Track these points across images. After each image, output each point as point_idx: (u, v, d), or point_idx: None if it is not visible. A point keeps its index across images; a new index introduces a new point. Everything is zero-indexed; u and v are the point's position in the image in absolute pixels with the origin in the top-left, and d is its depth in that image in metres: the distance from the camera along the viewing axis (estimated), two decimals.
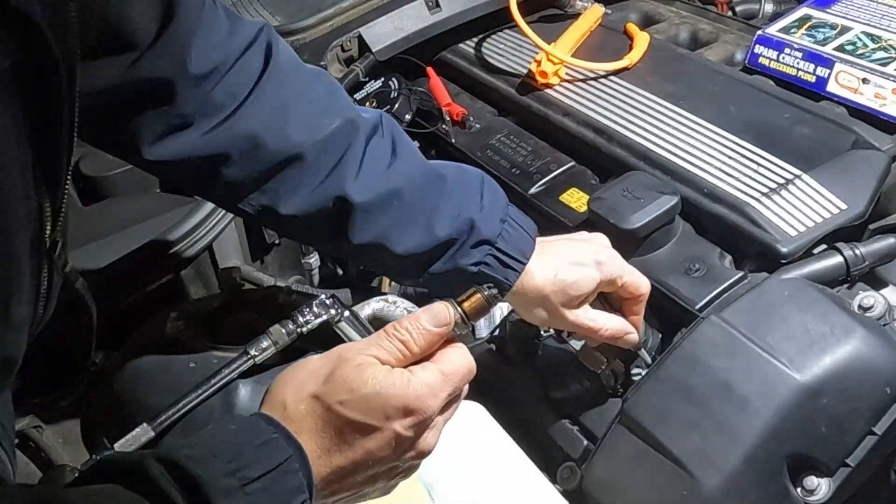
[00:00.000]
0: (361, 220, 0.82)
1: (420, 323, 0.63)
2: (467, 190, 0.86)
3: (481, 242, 0.84)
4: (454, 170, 0.88)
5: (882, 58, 1.09)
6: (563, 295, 0.86)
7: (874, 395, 0.81)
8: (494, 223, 0.85)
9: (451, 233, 0.83)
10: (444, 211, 0.83)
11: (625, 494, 0.86)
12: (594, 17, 1.37)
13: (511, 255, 0.85)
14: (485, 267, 0.85)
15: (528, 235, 0.87)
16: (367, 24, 1.43)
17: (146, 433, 0.86)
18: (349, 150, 0.81)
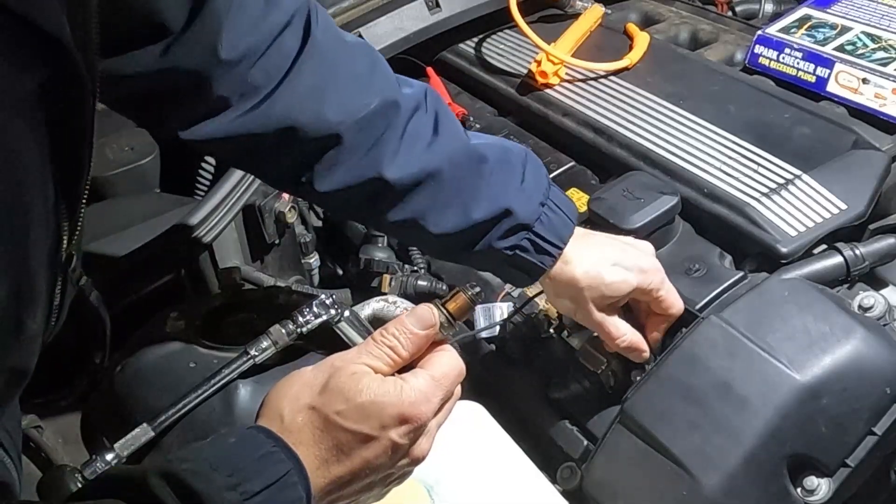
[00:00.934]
0: (397, 199, 0.81)
1: (406, 327, 0.63)
2: (509, 172, 0.84)
3: (518, 227, 0.83)
4: (497, 150, 0.86)
5: (882, 58, 1.09)
6: (596, 292, 0.85)
7: (874, 395, 0.81)
8: (533, 207, 0.83)
9: (488, 216, 0.82)
10: (483, 194, 0.83)
11: (625, 494, 0.86)
12: (594, 17, 1.37)
13: (548, 241, 0.84)
14: (520, 251, 0.84)
15: (568, 220, 0.86)
16: (367, 24, 1.43)
17: (146, 433, 0.86)
18: (388, 131, 0.80)
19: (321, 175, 0.80)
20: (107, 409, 0.97)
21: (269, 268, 1.27)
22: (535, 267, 0.85)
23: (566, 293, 0.87)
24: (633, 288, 0.86)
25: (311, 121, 0.77)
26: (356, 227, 1.30)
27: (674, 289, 0.89)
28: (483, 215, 0.82)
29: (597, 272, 0.85)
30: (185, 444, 0.89)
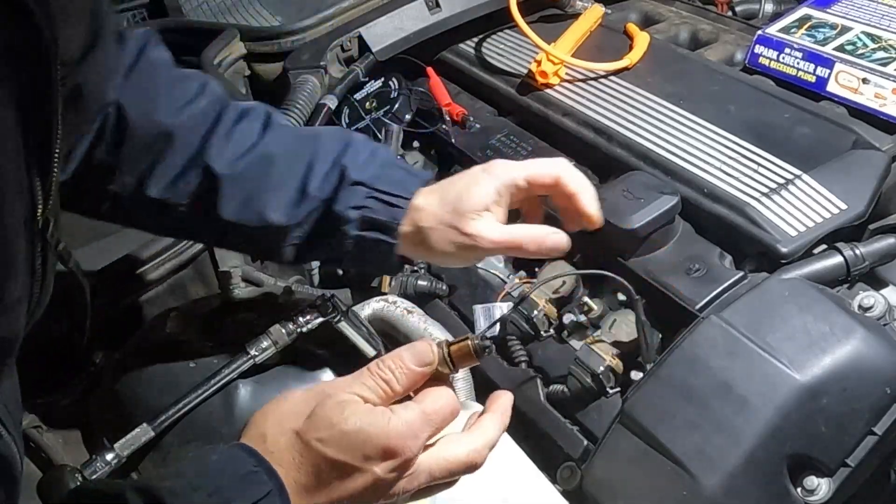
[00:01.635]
0: (228, 193, 0.82)
1: (403, 361, 0.62)
2: (343, 141, 0.84)
3: (356, 184, 0.81)
4: (334, 129, 0.88)
5: (882, 58, 1.09)
6: (456, 213, 0.79)
7: (874, 395, 0.81)
8: (372, 167, 0.82)
9: (325, 186, 0.81)
10: (318, 169, 0.82)
11: (625, 494, 0.86)
12: (594, 17, 1.37)
13: (393, 193, 0.81)
14: (367, 211, 0.81)
15: (413, 176, 0.84)
16: (367, 24, 1.43)
17: (146, 433, 0.86)
18: (216, 127, 0.83)
19: (153, 177, 0.82)
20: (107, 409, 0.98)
21: (269, 268, 1.27)
22: (387, 225, 0.81)
23: (437, 238, 0.80)
24: (492, 188, 0.80)
25: (140, 123, 0.81)
26: None
27: (536, 161, 0.83)
28: (319, 185, 0.81)
29: (445, 197, 0.81)
30: (185, 444, 0.89)
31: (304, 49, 1.44)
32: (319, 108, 1.35)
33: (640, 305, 0.91)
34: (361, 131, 1.33)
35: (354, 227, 0.82)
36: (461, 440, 0.64)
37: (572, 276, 1.03)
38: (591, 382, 0.94)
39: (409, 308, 1.08)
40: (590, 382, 0.94)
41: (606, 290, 1.02)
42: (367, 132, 1.31)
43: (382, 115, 1.32)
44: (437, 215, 0.80)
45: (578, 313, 1.00)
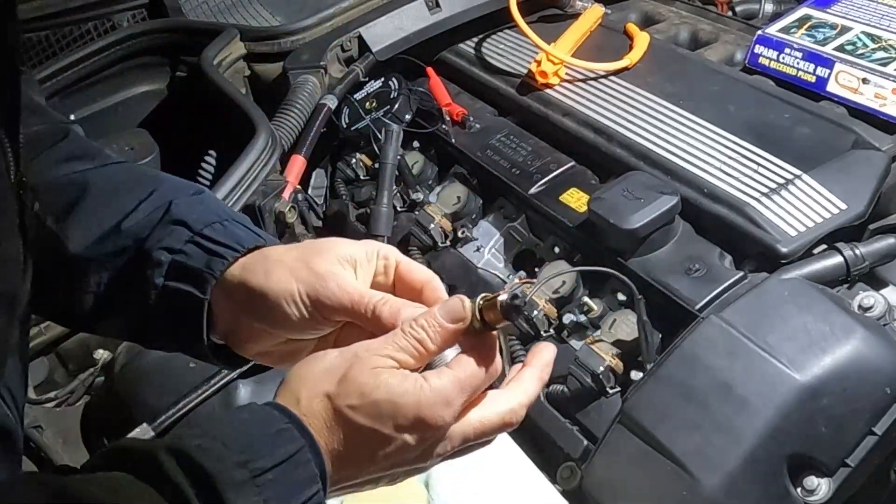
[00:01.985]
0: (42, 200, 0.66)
1: (435, 319, 0.59)
2: (183, 188, 0.71)
3: (178, 223, 0.66)
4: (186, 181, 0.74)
5: (882, 58, 1.09)
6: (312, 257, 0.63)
7: (874, 395, 0.81)
8: (206, 215, 0.67)
9: (142, 224, 0.67)
10: (144, 206, 0.68)
11: (625, 494, 0.86)
12: (594, 17, 1.37)
13: (220, 242, 0.65)
14: (182, 256, 0.65)
15: (257, 235, 0.67)
16: (367, 24, 1.43)
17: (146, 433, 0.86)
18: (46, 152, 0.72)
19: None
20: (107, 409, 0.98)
21: None
22: (201, 276, 0.64)
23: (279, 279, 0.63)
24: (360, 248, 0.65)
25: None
26: (356, 226, 1.30)
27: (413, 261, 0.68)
28: (134, 224, 0.67)
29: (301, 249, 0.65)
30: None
31: (304, 49, 1.44)
32: (319, 108, 1.35)
33: (641, 304, 0.91)
34: (361, 131, 1.33)
35: (161, 273, 0.65)
36: (498, 400, 0.61)
37: (572, 276, 1.03)
38: (591, 382, 0.94)
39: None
40: (590, 382, 0.94)
41: (606, 290, 1.02)
42: (367, 132, 1.31)
43: (382, 115, 1.31)
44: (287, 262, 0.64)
45: (578, 313, 1.00)
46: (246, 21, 1.56)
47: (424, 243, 1.20)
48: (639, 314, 0.92)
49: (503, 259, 1.16)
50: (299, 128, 1.33)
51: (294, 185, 1.25)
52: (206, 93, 1.36)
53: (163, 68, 1.53)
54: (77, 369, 1.14)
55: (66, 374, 1.14)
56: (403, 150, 1.29)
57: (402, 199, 1.27)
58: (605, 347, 0.95)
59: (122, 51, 1.48)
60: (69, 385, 1.13)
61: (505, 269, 1.15)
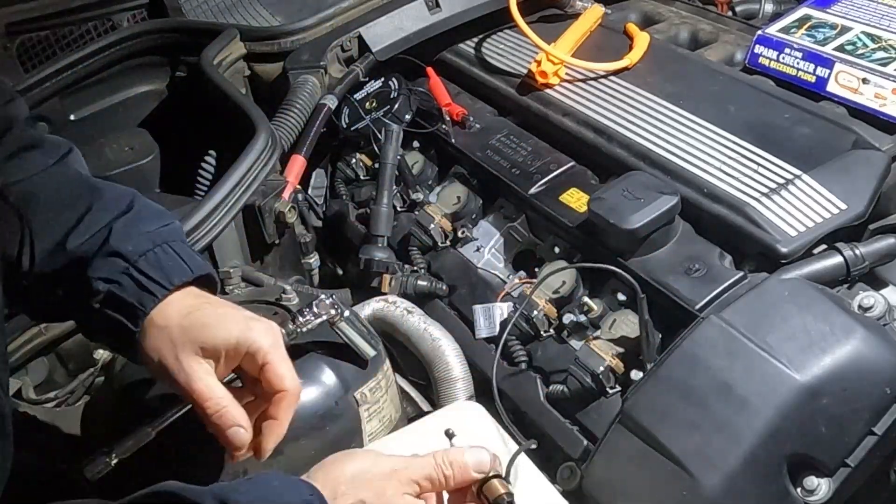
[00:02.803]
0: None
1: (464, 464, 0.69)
2: (126, 207, 0.75)
3: (114, 254, 0.72)
4: (123, 191, 0.77)
5: (882, 58, 1.09)
6: (187, 337, 0.70)
7: (874, 395, 0.81)
8: (140, 240, 0.73)
9: (86, 246, 0.72)
10: (86, 225, 0.73)
11: (625, 494, 0.86)
12: (594, 17, 1.37)
13: (151, 278, 0.71)
14: (116, 287, 0.71)
15: (186, 266, 0.73)
16: (367, 24, 1.43)
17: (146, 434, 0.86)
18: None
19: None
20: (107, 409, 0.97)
21: (269, 268, 1.27)
22: (132, 310, 0.71)
23: (156, 343, 0.71)
24: (233, 340, 0.71)
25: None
26: (356, 226, 1.30)
27: (288, 364, 0.73)
28: (79, 245, 0.72)
29: (192, 314, 0.71)
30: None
31: (304, 49, 1.44)
32: (319, 108, 1.35)
33: (643, 303, 0.91)
34: (361, 131, 1.33)
35: (98, 300, 0.72)
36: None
37: (572, 276, 1.03)
38: (591, 382, 0.94)
39: (409, 308, 1.08)
40: (590, 382, 0.94)
41: (606, 290, 1.02)
42: (367, 132, 1.31)
43: (382, 115, 1.31)
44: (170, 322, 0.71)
45: (578, 313, 1.00)
46: (246, 21, 1.56)
47: (424, 243, 1.20)
48: (641, 313, 0.92)
49: (503, 259, 1.16)
50: (299, 128, 1.33)
51: (294, 185, 1.25)
52: (206, 93, 1.36)
53: (163, 68, 1.53)
54: (77, 369, 1.14)
55: (66, 374, 1.14)
56: (403, 150, 1.29)
57: (402, 199, 1.27)
58: (605, 347, 0.95)
59: (122, 51, 1.48)
60: (69, 385, 1.13)
61: (505, 269, 1.15)
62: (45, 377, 1.12)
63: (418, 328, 1.05)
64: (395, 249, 1.21)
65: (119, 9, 1.59)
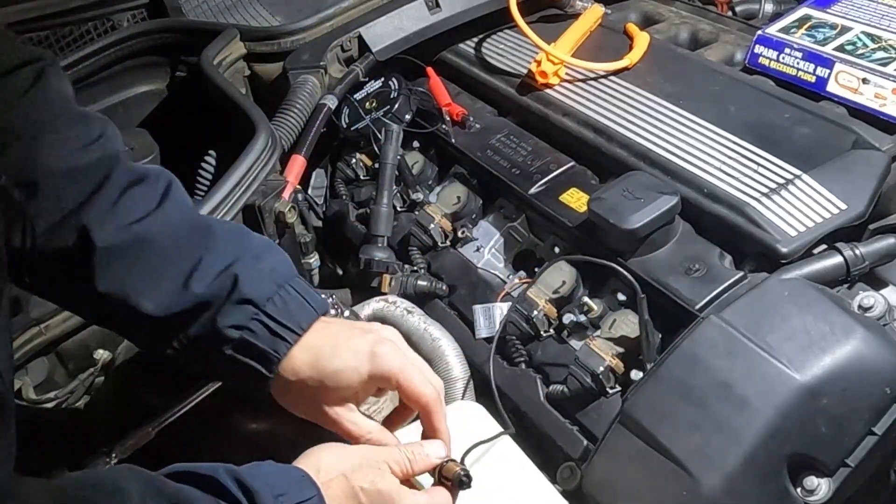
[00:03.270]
0: (106, 265, 0.73)
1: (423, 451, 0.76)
2: (242, 247, 0.77)
3: (245, 302, 0.74)
4: (233, 227, 0.79)
5: (882, 58, 1.09)
6: (321, 385, 0.75)
7: (874, 395, 0.81)
8: (266, 284, 0.75)
9: (212, 290, 0.73)
10: (207, 266, 0.74)
11: (625, 494, 0.86)
12: (594, 17, 1.37)
13: (282, 323, 0.74)
14: (248, 333, 0.74)
15: (310, 306, 0.76)
16: (367, 24, 1.43)
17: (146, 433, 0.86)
18: (103, 188, 0.74)
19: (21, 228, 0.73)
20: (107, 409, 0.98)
21: None
22: (266, 355, 0.74)
23: (292, 390, 0.77)
24: (364, 377, 0.76)
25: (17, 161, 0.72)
26: (356, 226, 1.30)
27: (423, 373, 0.78)
28: (205, 289, 0.74)
29: (319, 362, 0.75)
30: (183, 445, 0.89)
31: (304, 49, 1.44)
32: (319, 108, 1.35)
33: (643, 302, 0.91)
34: (361, 131, 1.33)
35: (231, 347, 0.75)
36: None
37: (572, 276, 1.03)
38: (591, 382, 0.94)
39: (409, 308, 1.08)
40: (590, 382, 0.94)
41: (606, 290, 1.02)
42: (367, 132, 1.31)
43: (382, 115, 1.31)
44: (301, 374, 0.76)
45: (578, 313, 1.00)
46: (246, 21, 1.56)
47: (424, 243, 1.20)
48: (641, 312, 0.92)
49: (503, 259, 1.16)
50: (299, 128, 1.33)
51: (294, 185, 1.25)
52: (206, 93, 1.36)
53: (163, 68, 1.53)
54: (77, 369, 1.14)
55: (66, 374, 1.14)
56: (403, 150, 1.29)
57: (402, 199, 1.27)
58: (605, 347, 0.95)
59: (122, 51, 1.48)
60: (69, 385, 1.13)
61: (505, 269, 1.15)
62: (45, 377, 1.12)
63: (418, 328, 1.05)
64: (395, 249, 1.21)
65: (119, 9, 1.59)
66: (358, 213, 1.33)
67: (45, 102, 0.75)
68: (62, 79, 0.79)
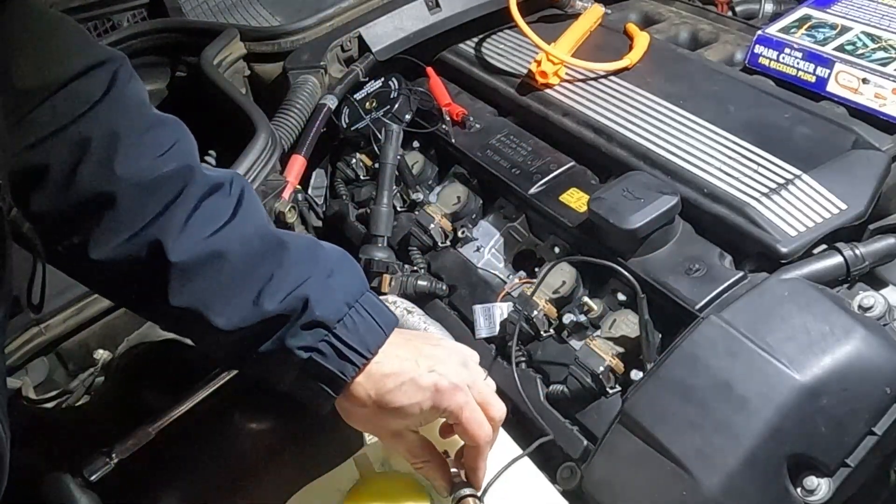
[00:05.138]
0: (179, 280, 0.72)
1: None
2: (313, 263, 0.76)
3: (315, 324, 0.73)
4: (304, 241, 0.78)
5: (882, 58, 1.09)
6: (384, 414, 0.76)
7: (874, 395, 0.81)
8: (336, 304, 0.74)
9: (283, 308, 0.72)
10: (278, 283, 0.73)
11: (625, 494, 0.86)
12: (594, 17, 1.37)
13: (351, 346, 0.74)
14: (317, 355, 0.73)
15: (378, 328, 0.76)
16: (367, 24, 1.43)
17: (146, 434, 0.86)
18: (179, 200, 0.73)
19: (96, 239, 0.72)
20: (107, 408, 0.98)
21: None
22: (334, 377, 0.74)
23: (357, 414, 0.78)
24: (427, 414, 0.77)
25: (93, 167, 0.71)
26: (356, 226, 1.31)
27: (478, 416, 0.78)
28: (277, 307, 0.73)
29: (381, 396, 0.75)
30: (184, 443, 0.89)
31: (304, 49, 1.44)
32: (319, 108, 1.35)
33: (643, 302, 0.91)
34: (361, 131, 1.33)
35: (298, 367, 0.74)
36: None
37: (572, 276, 1.03)
38: (591, 382, 0.94)
39: (409, 308, 1.08)
40: (590, 382, 0.94)
41: (606, 290, 1.02)
42: (367, 132, 1.31)
43: (382, 115, 1.32)
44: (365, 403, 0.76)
45: (578, 313, 1.00)
46: (246, 21, 1.57)
47: (424, 243, 1.20)
48: (641, 312, 0.92)
49: (503, 259, 1.16)
50: (299, 128, 1.33)
51: (294, 185, 1.25)
52: (206, 93, 1.36)
53: (163, 68, 1.53)
54: (77, 369, 1.14)
55: (66, 374, 1.14)
56: (403, 150, 1.29)
57: (402, 199, 1.27)
58: (605, 347, 0.95)
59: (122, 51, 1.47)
60: (69, 385, 1.13)
61: (505, 269, 1.15)
62: (45, 377, 1.12)
63: (418, 328, 1.05)
64: (395, 249, 1.21)
65: (119, 9, 1.59)
66: (358, 213, 1.33)
67: (122, 108, 0.74)
68: (136, 80, 0.77)
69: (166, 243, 0.71)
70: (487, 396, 0.79)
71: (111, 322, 1.14)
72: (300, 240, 0.78)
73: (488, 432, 0.78)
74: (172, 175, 0.73)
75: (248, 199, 0.77)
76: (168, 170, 0.73)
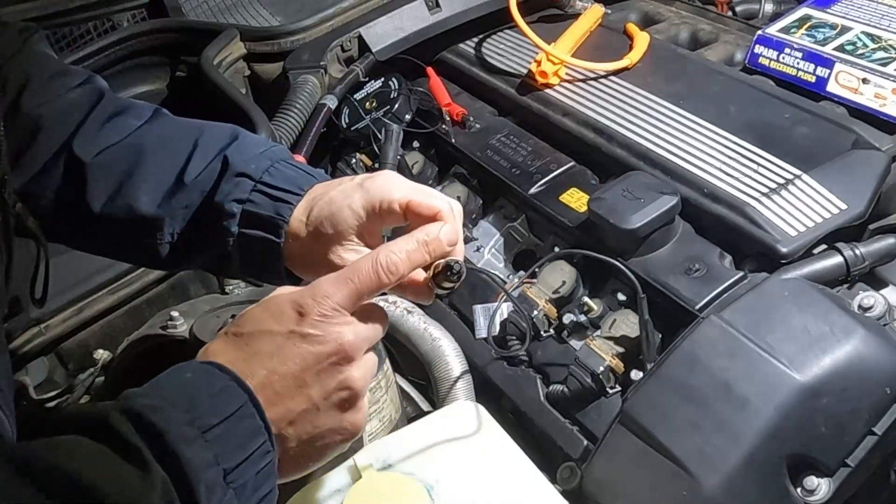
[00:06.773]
0: (97, 180, 0.76)
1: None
2: (229, 135, 0.78)
3: (241, 175, 0.74)
4: (226, 125, 0.81)
5: (882, 58, 1.09)
6: (320, 235, 0.73)
7: (874, 395, 0.81)
8: (260, 160, 0.75)
9: (205, 175, 0.75)
10: (197, 160, 0.76)
11: (625, 494, 0.86)
12: (594, 17, 1.37)
13: (282, 188, 0.74)
14: (250, 205, 0.74)
15: (307, 174, 0.76)
16: (367, 24, 1.43)
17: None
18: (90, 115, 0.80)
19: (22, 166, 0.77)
20: None
21: None
22: (273, 223, 0.73)
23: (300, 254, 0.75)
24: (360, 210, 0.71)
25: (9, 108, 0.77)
26: None
27: (424, 191, 0.71)
28: (197, 174, 0.75)
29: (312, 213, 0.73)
30: None
31: (304, 49, 1.44)
32: (319, 108, 1.35)
33: (643, 302, 0.91)
34: (361, 131, 1.33)
35: (236, 223, 0.75)
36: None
37: (572, 276, 1.03)
38: (591, 382, 0.94)
39: (409, 308, 1.08)
40: (590, 382, 0.94)
41: (606, 290, 1.02)
42: (367, 132, 1.31)
43: (382, 115, 1.32)
44: (300, 234, 0.74)
45: (578, 313, 1.00)
46: (246, 21, 1.57)
47: None
48: (641, 313, 0.92)
49: (503, 259, 1.16)
50: (299, 128, 1.33)
51: None
52: (207, 93, 1.36)
53: (163, 68, 1.53)
54: (77, 369, 1.14)
55: (66, 374, 1.14)
56: (403, 150, 1.29)
57: None
58: (605, 347, 0.95)
59: (122, 51, 1.48)
60: (69, 385, 1.13)
61: (505, 269, 1.15)
62: (45, 377, 1.13)
63: (418, 328, 1.05)
64: None
65: (119, 9, 1.59)
66: None
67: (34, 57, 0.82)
68: (47, 46, 0.86)
69: (80, 153, 0.77)
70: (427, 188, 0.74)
71: (111, 322, 1.14)
72: (219, 124, 0.80)
73: (445, 199, 0.71)
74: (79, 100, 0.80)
75: (165, 114, 0.82)
76: (75, 95, 0.81)
